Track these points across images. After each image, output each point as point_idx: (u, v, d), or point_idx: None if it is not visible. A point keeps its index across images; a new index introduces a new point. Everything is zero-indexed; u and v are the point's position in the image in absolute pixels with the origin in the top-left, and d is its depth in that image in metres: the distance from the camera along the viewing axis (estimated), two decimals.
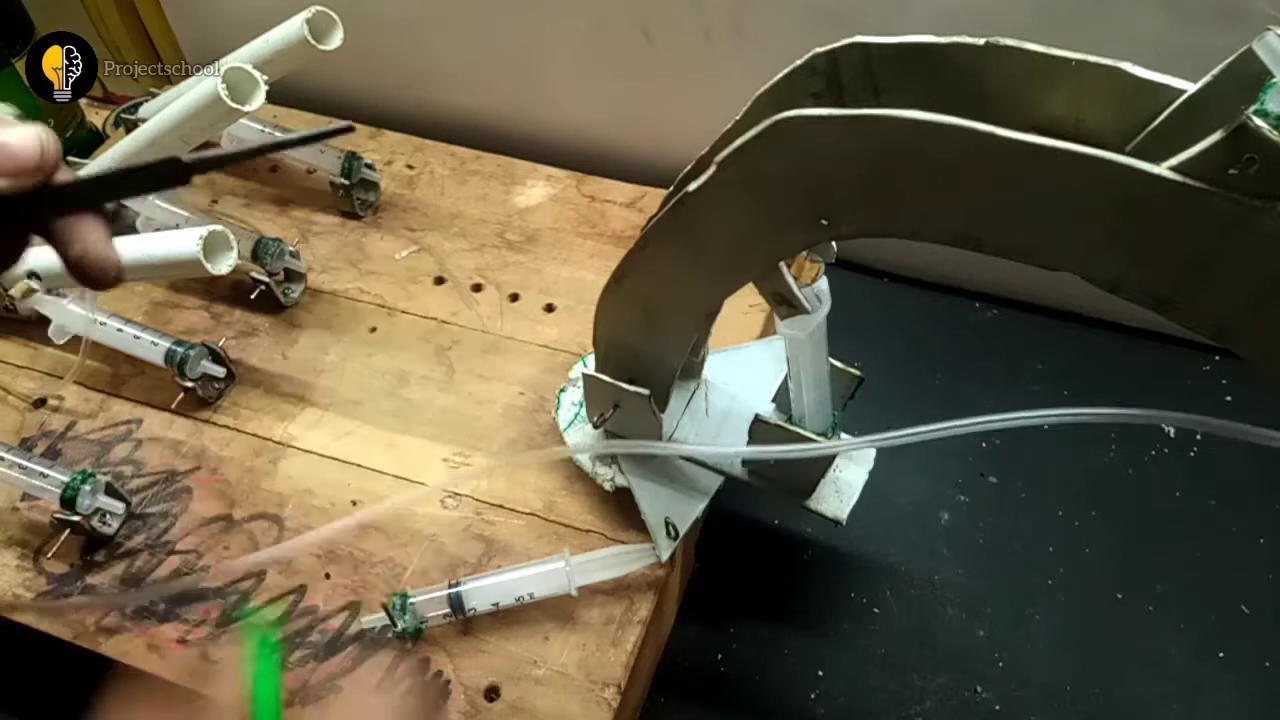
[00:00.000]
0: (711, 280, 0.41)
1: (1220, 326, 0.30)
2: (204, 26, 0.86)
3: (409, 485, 0.58)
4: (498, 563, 0.54)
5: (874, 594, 0.62)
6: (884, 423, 0.58)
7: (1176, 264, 0.29)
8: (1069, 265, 0.31)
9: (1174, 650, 0.59)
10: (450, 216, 0.73)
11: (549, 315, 0.66)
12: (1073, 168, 0.27)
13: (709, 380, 0.56)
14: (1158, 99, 0.30)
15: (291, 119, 0.78)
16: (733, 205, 0.37)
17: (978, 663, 0.58)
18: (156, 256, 0.57)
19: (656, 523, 0.52)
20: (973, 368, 0.72)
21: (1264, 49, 0.26)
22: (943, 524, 0.65)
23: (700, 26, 0.70)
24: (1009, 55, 0.32)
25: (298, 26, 0.60)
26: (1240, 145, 0.25)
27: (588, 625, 0.51)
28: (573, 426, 0.56)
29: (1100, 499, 0.65)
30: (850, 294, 0.51)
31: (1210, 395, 0.70)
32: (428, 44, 0.80)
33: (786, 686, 0.58)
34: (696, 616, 0.61)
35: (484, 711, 0.49)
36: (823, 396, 0.47)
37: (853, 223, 0.34)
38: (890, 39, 0.35)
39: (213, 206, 0.74)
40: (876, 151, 0.31)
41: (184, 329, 0.66)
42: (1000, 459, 0.67)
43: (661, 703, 0.57)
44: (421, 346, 0.65)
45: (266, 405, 0.62)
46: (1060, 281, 0.32)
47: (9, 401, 0.63)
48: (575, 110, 0.81)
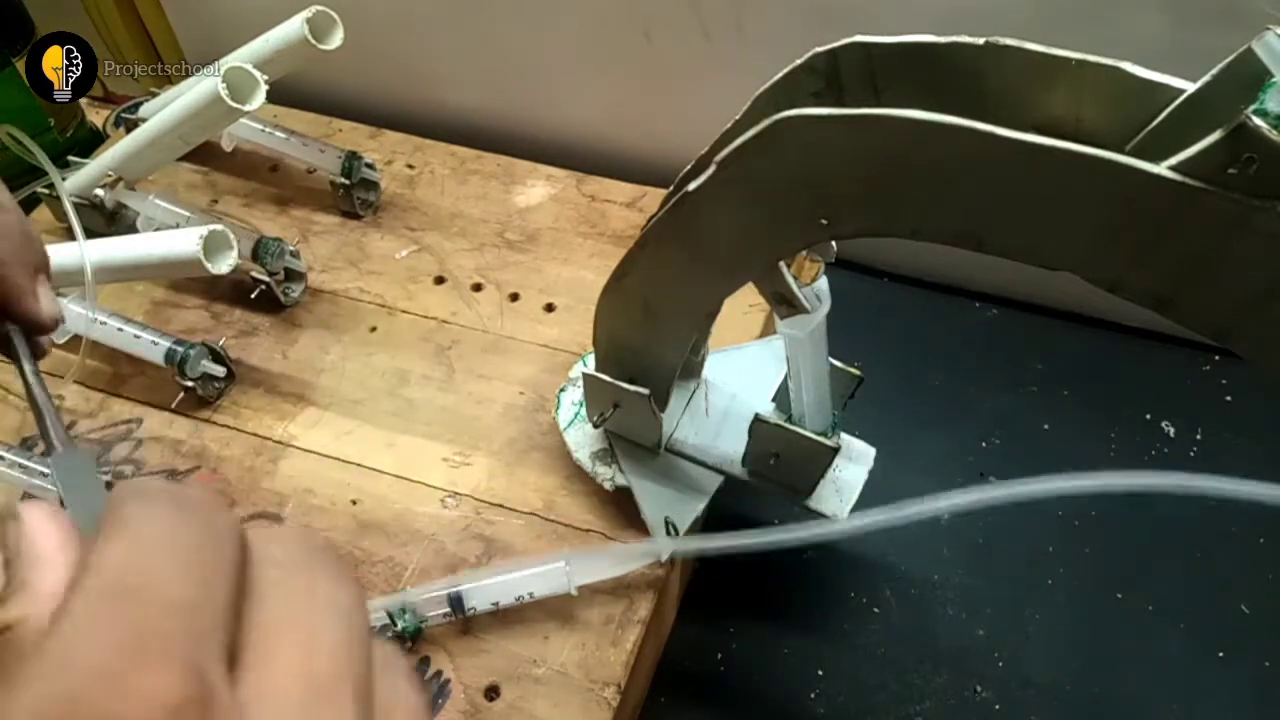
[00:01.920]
0: (711, 280, 0.41)
1: (1220, 326, 0.30)
2: (204, 26, 0.86)
3: (409, 484, 0.58)
4: (498, 562, 0.54)
5: (874, 594, 0.62)
6: (884, 423, 0.58)
7: (1176, 264, 0.29)
8: (1069, 265, 0.31)
9: (1174, 650, 0.59)
10: (450, 216, 0.73)
11: (549, 315, 0.66)
12: (1073, 167, 0.27)
13: (709, 380, 0.56)
14: (1158, 99, 0.30)
15: (291, 119, 0.78)
16: (733, 205, 0.37)
17: (977, 662, 0.58)
18: (156, 256, 0.57)
19: (656, 523, 0.52)
20: (973, 368, 0.72)
21: (1264, 49, 0.26)
22: (943, 524, 0.65)
23: (700, 26, 0.70)
24: (1009, 55, 0.32)
25: (298, 26, 0.60)
26: (1240, 145, 0.25)
27: (588, 625, 0.51)
28: (573, 426, 0.56)
29: (1100, 499, 0.65)
30: (850, 294, 0.51)
31: (1210, 395, 0.70)
32: (428, 44, 0.80)
33: (786, 686, 0.58)
34: (696, 616, 0.61)
35: (484, 711, 0.49)
36: (823, 396, 0.47)
37: (853, 222, 0.34)
38: (890, 39, 0.35)
39: (213, 206, 0.74)
40: (876, 151, 0.31)
41: (184, 328, 0.66)
42: (1000, 459, 0.67)
43: (661, 702, 0.57)
44: (421, 346, 0.65)
45: (266, 405, 0.62)
46: (1060, 281, 0.32)
47: (9, 401, 0.63)
48: (575, 110, 0.81)
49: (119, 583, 0.17)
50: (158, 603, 0.16)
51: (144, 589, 0.17)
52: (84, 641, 0.16)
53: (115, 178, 0.66)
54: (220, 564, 0.18)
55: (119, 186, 0.66)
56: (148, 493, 0.18)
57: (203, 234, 0.55)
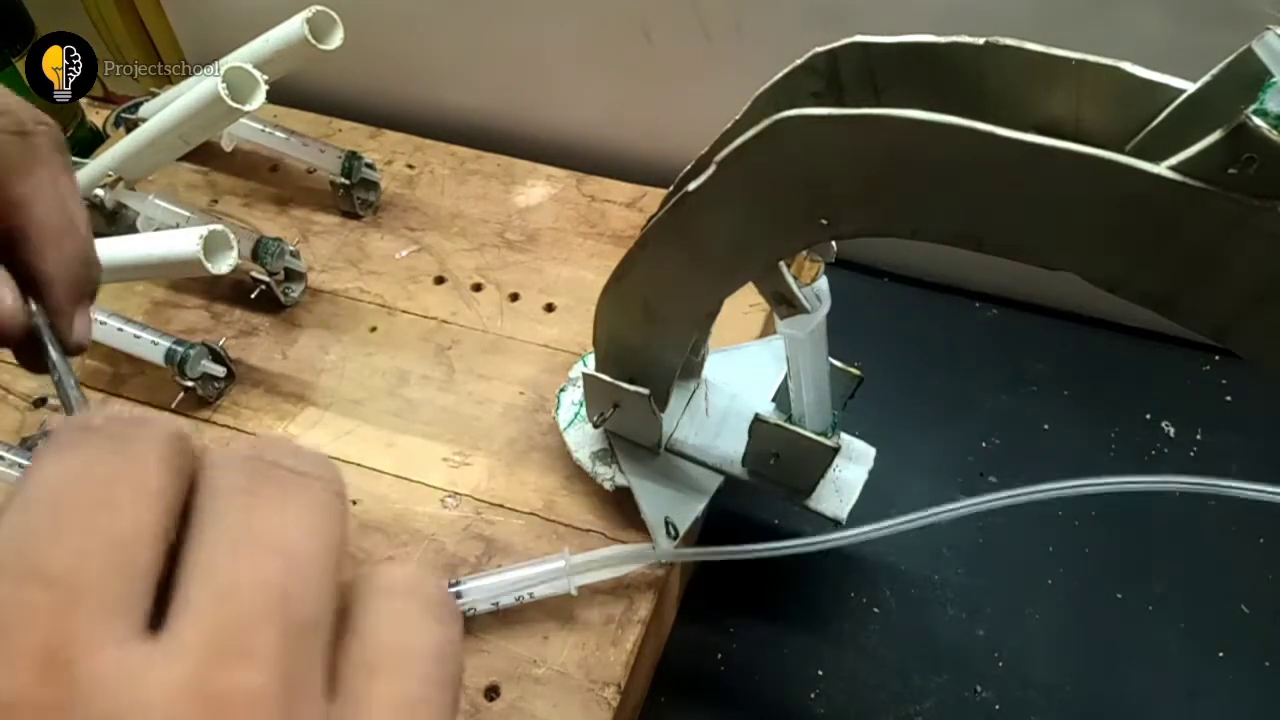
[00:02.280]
0: (711, 280, 0.41)
1: (1220, 326, 0.30)
2: (204, 26, 0.86)
3: (409, 484, 0.58)
4: (498, 562, 0.54)
5: (874, 594, 0.62)
6: (884, 423, 0.58)
7: (1176, 264, 0.29)
8: (1069, 265, 0.31)
9: (1174, 650, 0.59)
10: (450, 216, 0.73)
11: (549, 315, 0.66)
12: (1073, 167, 0.27)
13: (709, 380, 0.56)
14: (1157, 99, 0.30)
15: (291, 119, 0.78)
16: (732, 205, 0.37)
17: (978, 663, 0.58)
18: (156, 256, 0.57)
19: (656, 522, 0.52)
20: (973, 368, 0.72)
21: (1264, 49, 0.26)
22: (943, 524, 0.65)
23: (700, 26, 0.70)
24: (1009, 55, 0.32)
25: (298, 26, 0.60)
26: (1239, 145, 0.25)
27: (588, 625, 0.51)
28: (573, 426, 0.56)
29: (1100, 499, 0.65)
30: (850, 294, 0.51)
31: (1210, 395, 0.70)
32: (428, 43, 0.80)
33: (786, 686, 0.58)
34: (696, 616, 0.61)
35: (484, 711, 0.49)
36: (823, 396, 0.47)
37: (853, 222, 0.34)
38: (890, 39, 0.35)
39: (213, 206, 0.74)
40: (876, 151, 0.31)
41: (184, 328, 0.66)
42: (1000, 459, 0.67)
43: (661, 702, 0.57)
44: (421, 346, 0.65)
45: (266, 405, 0.62)
46: (1060, 281, 0.32)
47: (9, 401, 0.63)
48: (575, 110, 0.81)
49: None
50: (50, 546, 0.14)
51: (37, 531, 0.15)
52: None
53: (115, 178, 0.66)
54: (138, 498, 0.16)
55: (119, 186, 0.66)
56: (85, 424, 0.17)
57: (203, 234, 0.55)
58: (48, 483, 0.16)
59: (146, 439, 0.16)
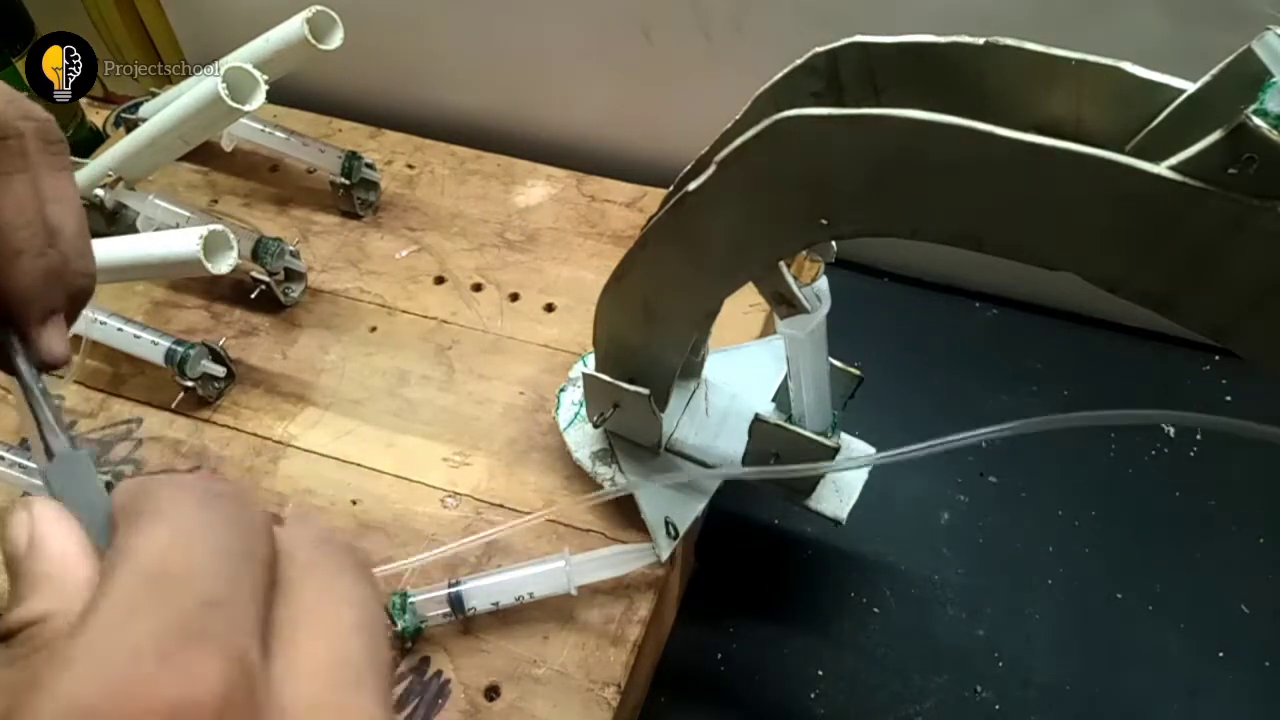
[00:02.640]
0: (711, 280, 0.41)
1: (1220, 326, 0.30)
2: (204, 26, 0.86)
3: (409, 484, 0.58)
4: (498, 562, 0.54)
5: (874, 594, 0.62)
6: (884, 422, 0.58)
7: (1176, 264, 0.29)
8: (1069, 265, 0.31)
9: (1174, 650, 0.59)
10: (450, 216, 0.73)
11: (549, 315, 0.66)
12: (1073, 167, 0.27)
13: (709, 380, 0.56)
14: (1157, 99, 0.30)
15: (291, 119, 0.78)
16: (732, 204, 0.37)
17: (978, 662, 0.58)
18: (156, 256, 0.57)
19: (656, 522, 0.52)
20: (973, 368, 0.72)
21: (1264, 49, 0.26)
22: (943, 524, 0.65)
23: (700, 26, 0.70)
24: (1009, 55, 0.32)
25: (298, 26, 0.60)
26: (1239, 145, 0.25)
27: (588, 625, 0.51)
28: (573, 426, 0.56)
29: (1100, 499, 0.65)
30: (850, 294, 0.51)
31: (1210, 395, 0.70)
32: (428, 43, 0.80)
33: (786, 686, 0.58)
34: (696, 616, 0.61)
35: (484, 711, 0.49)
36: (823, 396, 0.47)
37: (853, 222, 0.34)
38: (890, 39, 0.35)
39: (213, 206, 0.74)
40: (876, 151, 0.31)
41: (184, 328, 0.66)
42: (1000, 459, 0.67)
43: (661, 702, 0.57)
44: (421, 346, 0.65)
45: (266, 405, 0.62)
46: (1060, 281, 0.32)
47: (9, 401, 0.63)
48: (575, 110, 0.81)
49: (160, 569, 0.17)
50: (200, 589, 0.17)
51: (186, 576, 0.17)
52: (128, 627, 0.16)
53: (115, 178, 0.66)
54: (254, 555, 0.18)
55: (119, 186, 0.66)
56: (181, 483, 0.19)
57: (203, 234, 0.55)
58: (194, 515, 0.18)
59: (256, 510, 0.20)
